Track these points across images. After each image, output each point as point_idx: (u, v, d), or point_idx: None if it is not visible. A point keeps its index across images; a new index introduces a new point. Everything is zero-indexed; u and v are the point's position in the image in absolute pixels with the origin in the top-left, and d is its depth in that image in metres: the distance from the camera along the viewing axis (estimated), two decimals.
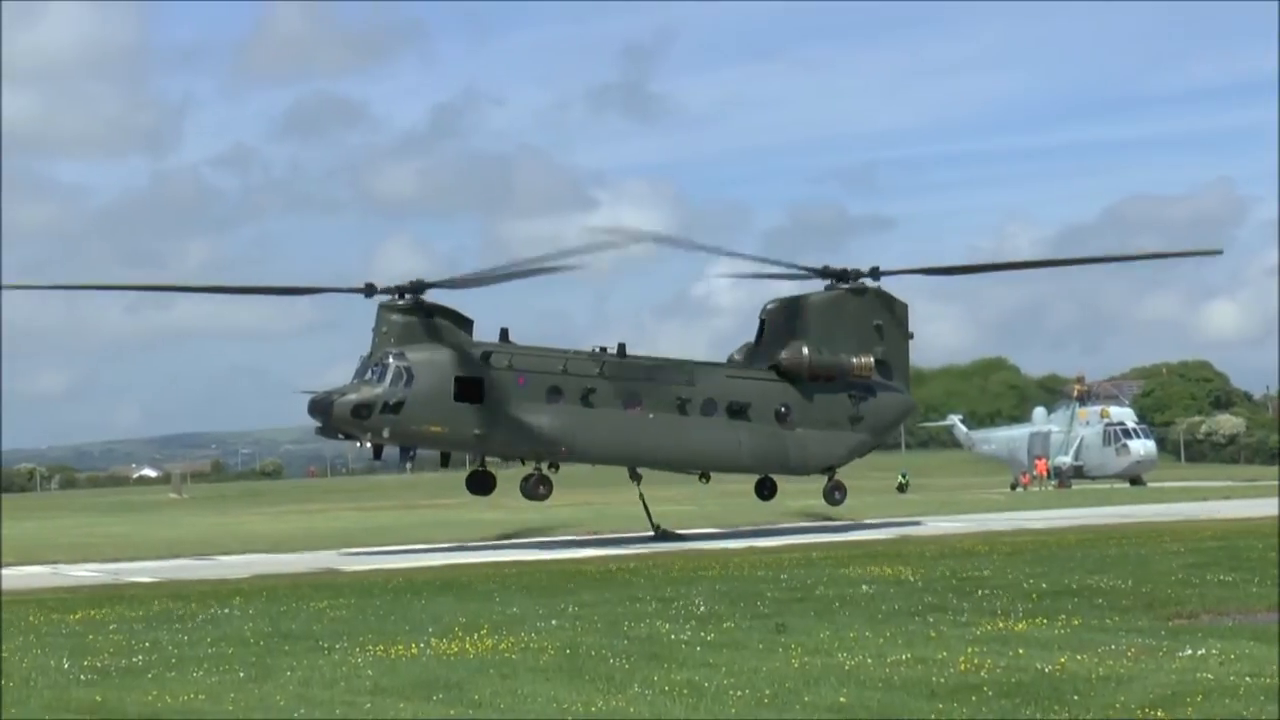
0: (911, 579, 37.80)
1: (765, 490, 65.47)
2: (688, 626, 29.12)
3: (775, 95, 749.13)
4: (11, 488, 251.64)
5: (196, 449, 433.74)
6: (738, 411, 61.30)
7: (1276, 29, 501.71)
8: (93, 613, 34.91)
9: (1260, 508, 67.75)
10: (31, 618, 34.32)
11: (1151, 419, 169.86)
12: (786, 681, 22.42)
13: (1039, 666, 23.00)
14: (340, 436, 59.58)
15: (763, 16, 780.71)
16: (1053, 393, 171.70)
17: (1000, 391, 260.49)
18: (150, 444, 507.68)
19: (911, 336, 65.16)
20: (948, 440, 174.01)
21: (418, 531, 69.45)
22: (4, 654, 27.93)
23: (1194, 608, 30.52)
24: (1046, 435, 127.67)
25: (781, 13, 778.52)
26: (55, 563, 56.24)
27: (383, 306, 58.73)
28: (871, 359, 62.78)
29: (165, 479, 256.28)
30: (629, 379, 60.13)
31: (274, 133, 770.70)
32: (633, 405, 59.98)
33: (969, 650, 24.54)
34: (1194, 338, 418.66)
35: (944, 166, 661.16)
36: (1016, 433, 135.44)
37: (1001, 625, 28.06)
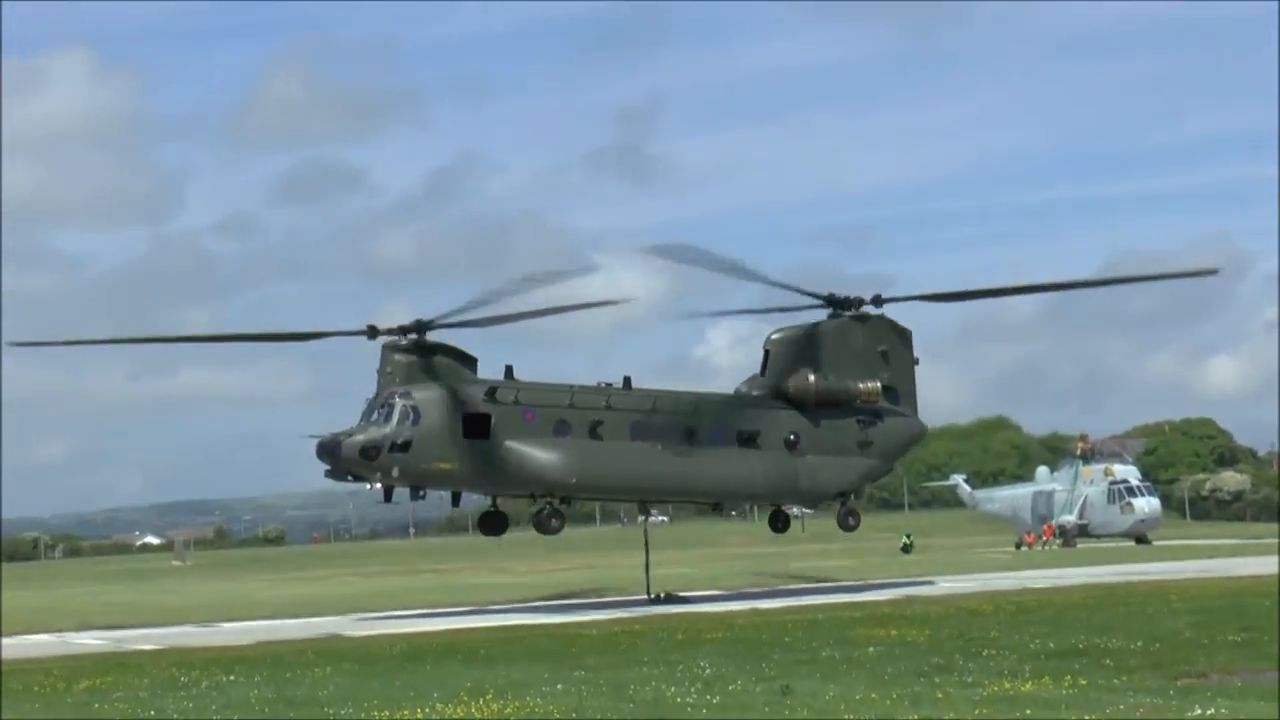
0: (917, 640, 37.69)
1: (779, 523, 65.49)
2: (693, 690, 29.01)
3: (771, 157, 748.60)
4: (16, 556, 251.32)
5: (200, 515, 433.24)
6: (747, 440, 61.24)
7: (1276, 82, 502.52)
8: (98, 681, 34.81)
9: (1267, 565, 67.54)
10: (37, 686, 34.23)
11: (1156, 476, 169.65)
12: None
13: None
14: (349, 478, 59.35)
15: (758, 80, 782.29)
16: (1056, 451, 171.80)
17: (1003, 450, 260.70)
18: (153, 511, 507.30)
19: (917, 362, 65.18)
20: (951, 500, 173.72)
21: (422, 596, 69.29)
22: None
23: (1202, 667, 30.40)
24: (1050, 494, 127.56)
25: (776, 76, 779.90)
26: (60, 631, 56.15)
27: (386, 347, 58.65)
28: (878, 384, 62.87)
29: (169, 546, 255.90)
30: (636, 410, 60.10)
31: (272, 199, 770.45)
32: (641, 437, 59.91)
33: (976, 711, 24.46)
34: (1197, 394, 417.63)
35: (941, 224, 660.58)
36: (1020, 491, 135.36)
37: (1008, 685, 27.96)
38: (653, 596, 61.35)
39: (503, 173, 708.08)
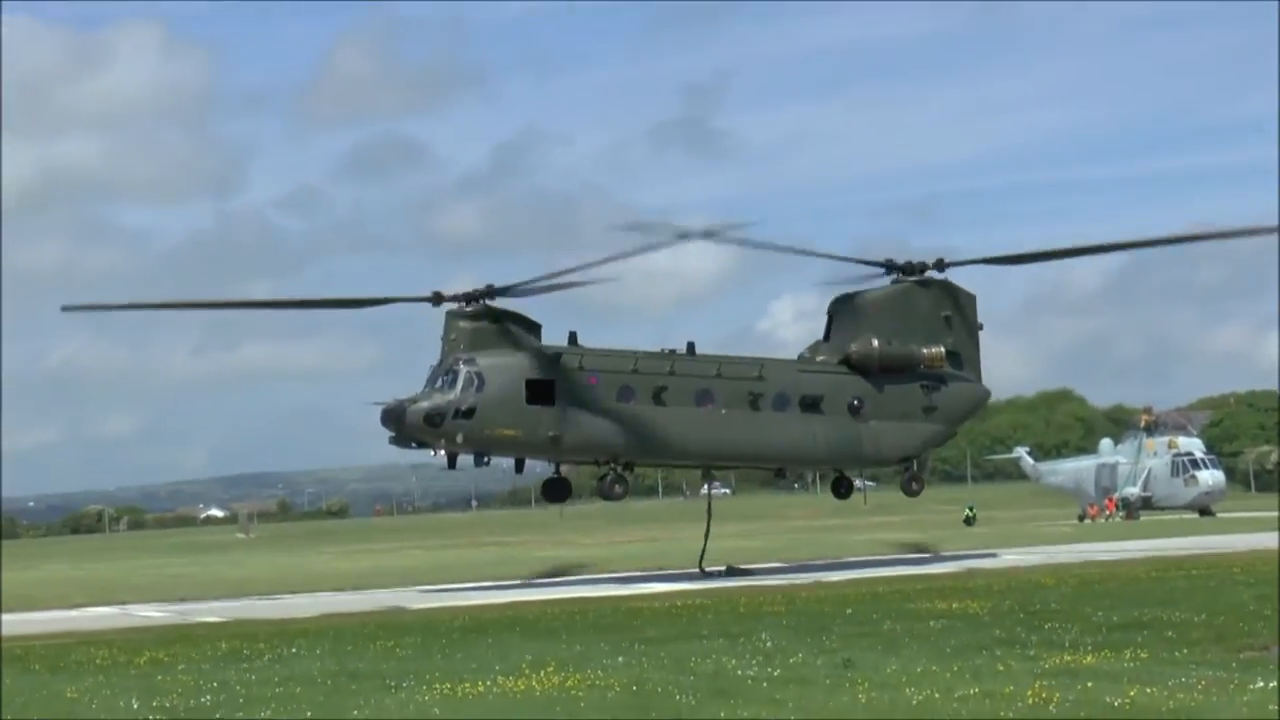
0: (979, 612, 37.60)
1: (842, 489, 65.43)
2: (754, 662, 29.02)
3: (837, 131, 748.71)
4: (80, 529, 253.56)
5: (263, 489, 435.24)
6: (811, 405, 61.20)
7: None
8: (161, 653, 35.05)
9: None
10: (100, 659, 34.48)
11: (1220, 449, 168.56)
12: (854, 717, 22.34)
13: (1108, 700, 22.83)
14: (414, 445, 59.46)
15: (823, 54, 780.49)
16: (1120, 424, 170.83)
17: (1067, 423, 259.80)
18: (217, 484, 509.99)
19: (981, 327, 64.95)
20: (1014, 472, 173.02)
21: (484, 569, 69.50)
22: (75, 694, 28.08)
23: (1265, 640, 30.22)
24: (1114, 467, 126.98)
25: (841, 51, 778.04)
26: (124, 603, 56.54)
27: (450, 314, 58.76)
28: (941, 349, 62.73)
29: (232, 519, 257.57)
30: (700, 376, 60.10)
31: (338, 174, 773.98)
32: (705, 402, 59.91)
33: (1037, 684, 24.37)
34: (1261, 366, 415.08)
35: (1006, 198, 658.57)
36: (1084, 464, 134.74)
37: (1069, 659, 27.86)
38: (704, 571, 61.13)
39: (567, 147, 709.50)
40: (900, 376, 62.34)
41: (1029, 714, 21.99)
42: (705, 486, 66.17)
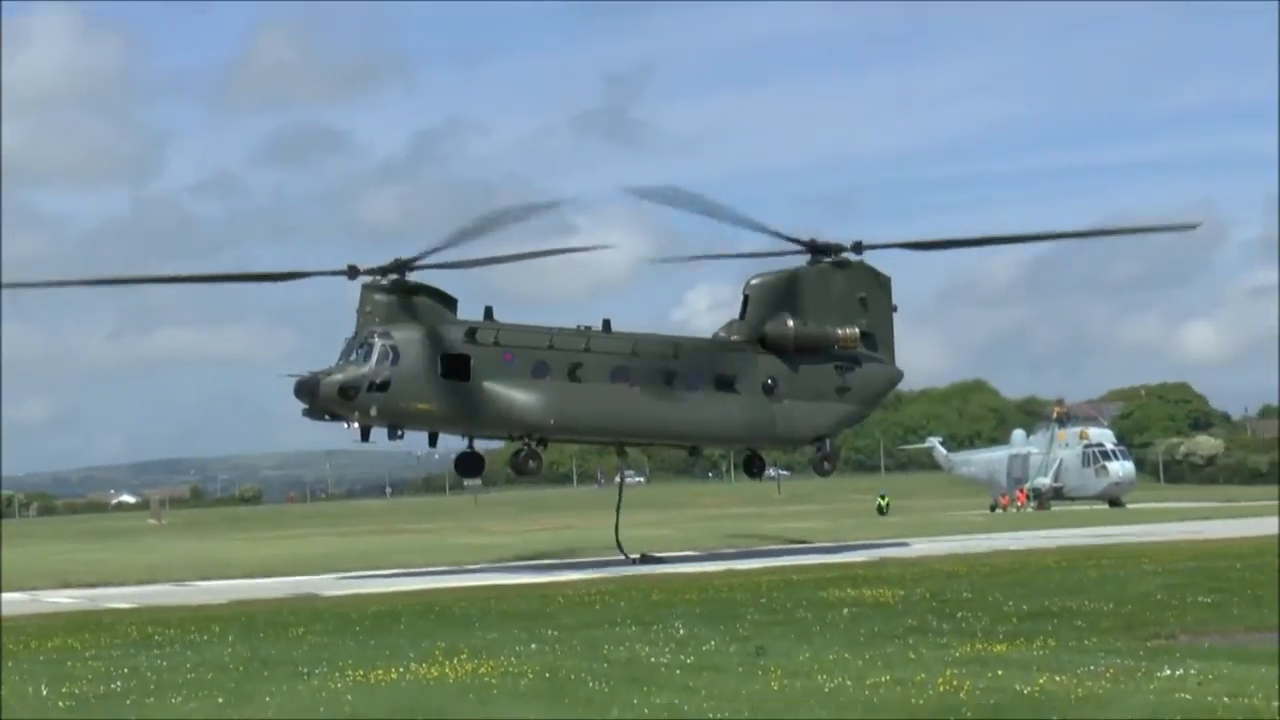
0: (891, 601, 37.83)
1: (754, 468, 65.73)
2: (667, 650, 29.10)
3: (758, 122, 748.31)
4: None
5: (176, 475, 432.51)
6: (725, 384, 61.44)
7: (1277, 49, 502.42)
8: (71, 640, 34.80)
9: (1239, 528, 67.91)
10: (9, 645, 34.19)
11: (1130, 440, 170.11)
12: (767, 704, 22.42)
13: (1018, 688, 23.02)
14: (327, 417, 59.21)
15: (745, 45, 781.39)
16: (1032, 415, 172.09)
17: (980, 414, 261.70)
18: (129, 470, 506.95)
19: (895, 309, 65.40)
20: (927, 462, 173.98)
21: (397, 557, 69.32)
22: None
23: (1172, 629, 30.59)
24: (1026, 457, 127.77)
25: (763, 43, 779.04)
26: (34, 589, 56.08)
27: (366, 287, 58.45)
28: (856, 331, 63.08)
29: (144, 505, 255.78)
30: (616, 353, 60.24)
31: (257, 160, 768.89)
32: (620, 379, 60.04)
33: (948, 672, 24.56)
34: (1173, 360, 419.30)
35: (926, 191, 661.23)
36: (996, 455, 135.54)
37: (981, 647, 28.09)
38: (629, 558, 61.31)
39: (487, 136, 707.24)
40: (815, 357, 62.66)
41: (940, 702, 22.15)
42: (618, 474, 66.24)
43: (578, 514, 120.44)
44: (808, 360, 62.55)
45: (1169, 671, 24.27)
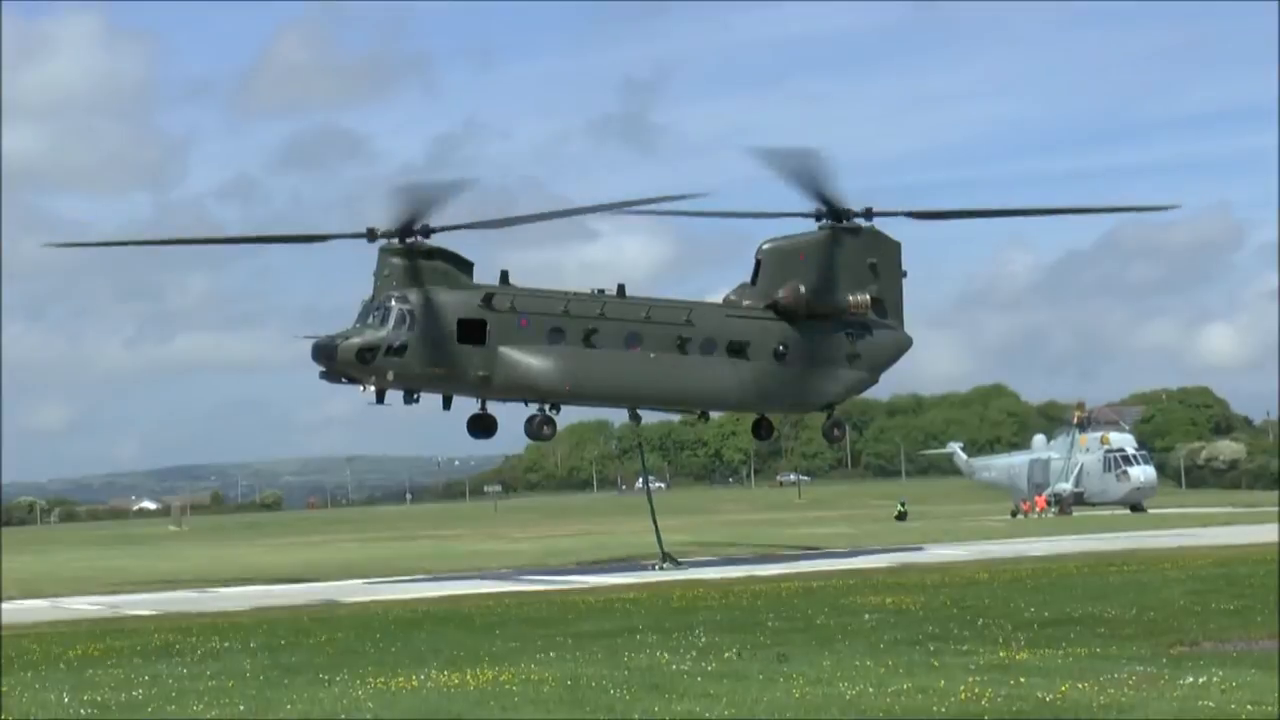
0: (912, 608, 37.73)
1: (762, 430, 65.98)
2: (688, 657, 29.04)
3: (773, 125, 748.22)
4: (11, 521, 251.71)
5: (196, 481, 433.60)
6: (737, 350, 61.56)
7: (1276, 53, 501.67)
8: (92, 646, 34.81)
9: (1262, 534, 67.68)
10: (31, 652, 34.23)
11: (1152, 445, 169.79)
12: (788, 712, 22.36)
13: (1040, 695, 22.94)
14: (344, 380, 59.26)
15: (762, 50, 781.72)
16: (1053, 420, 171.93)
17: (1000, 419, 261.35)
18: (150, 476, 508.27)
19: (905, 275, 65.40)
20: (948, 468, 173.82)
21: (418, 563, 69.36)
22: (4, 689, 27.86)
23: (1195, 636, 30.44)
24: (1047, 462, 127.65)
25: (779, 46, 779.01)
26: (55, 596, 56.15)
27: (383, 250, 58.56)
28: (867, 297, 63.05)
29: (165, 511, 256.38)
30: (630, 319, 60.41)
31: (276, 164, 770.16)
32: (634, 345, 60.22)
33: (970, 680, 24.48)
34: (1194, 363, 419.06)
35: (941, 194, 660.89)
36: (1017, 460, 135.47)
37: (1003, 654, 27.99)
38: (662, 565, 61.06)
39: (505, 140, 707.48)
40: (826, 323, 62.69)
41: (962, 709, 22.08)
42: (640, 480, 66.21)
43: (598, 520, 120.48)
44: (818, 326, 62.63)
45: (1192, 679, 24.16)
